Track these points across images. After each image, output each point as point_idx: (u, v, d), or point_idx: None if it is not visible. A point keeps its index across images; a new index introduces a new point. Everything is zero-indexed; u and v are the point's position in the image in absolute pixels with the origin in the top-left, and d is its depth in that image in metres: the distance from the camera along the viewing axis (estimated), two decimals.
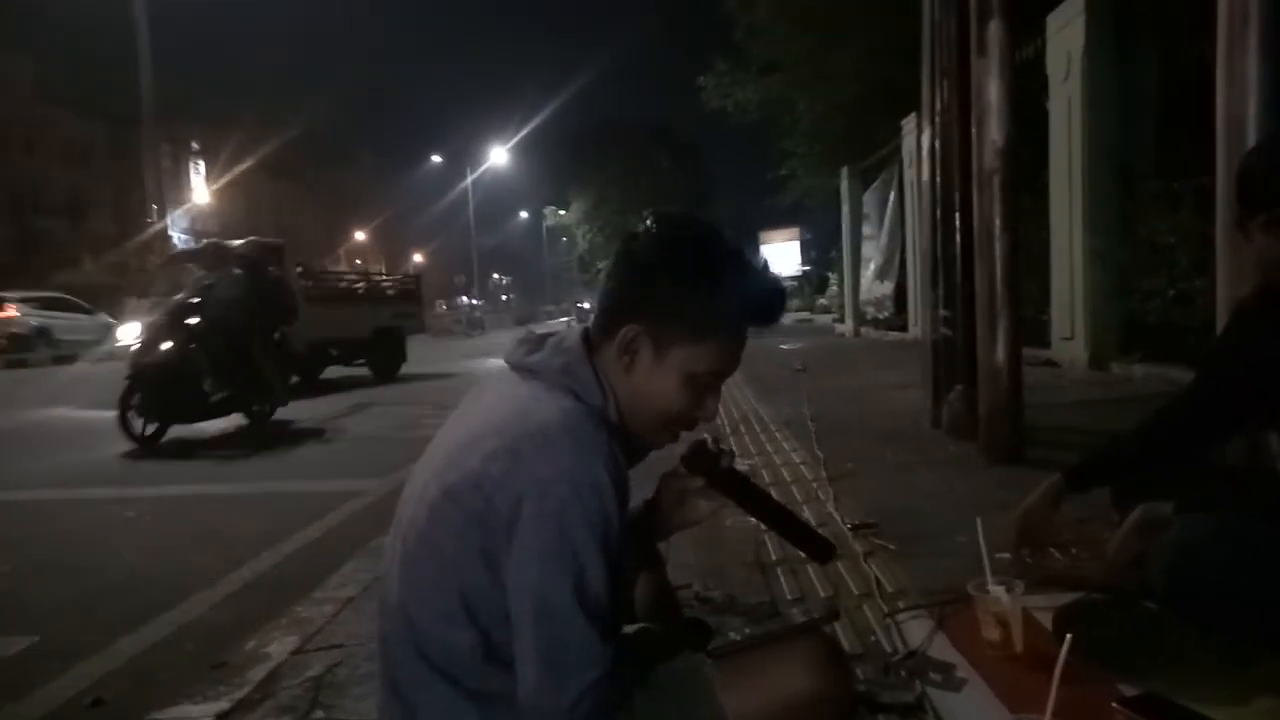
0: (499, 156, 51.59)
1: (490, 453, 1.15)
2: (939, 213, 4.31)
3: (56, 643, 2.61)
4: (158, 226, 29.54)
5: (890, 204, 12.59)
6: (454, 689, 1.17)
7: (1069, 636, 1.28)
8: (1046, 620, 1.80)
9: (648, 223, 1.28)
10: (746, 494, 1.36)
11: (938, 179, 4.31)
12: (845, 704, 1.27)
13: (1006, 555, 1.98)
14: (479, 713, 1.17)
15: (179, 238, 49.14)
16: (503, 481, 1.13)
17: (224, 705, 1.89)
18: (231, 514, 4.30)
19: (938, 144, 4.30)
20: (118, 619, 2.77)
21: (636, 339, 1.22)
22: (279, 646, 2.24)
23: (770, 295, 1.28)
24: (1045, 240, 7.27)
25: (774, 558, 2.58)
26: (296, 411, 8.12)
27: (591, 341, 1.27)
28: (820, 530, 1.51)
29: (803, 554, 1.41)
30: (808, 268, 34.73)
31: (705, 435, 1.34)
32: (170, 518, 4.34)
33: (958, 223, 4.16)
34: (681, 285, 1.21)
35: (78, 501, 4.77)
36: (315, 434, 6.92)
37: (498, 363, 1.35)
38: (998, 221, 3.69)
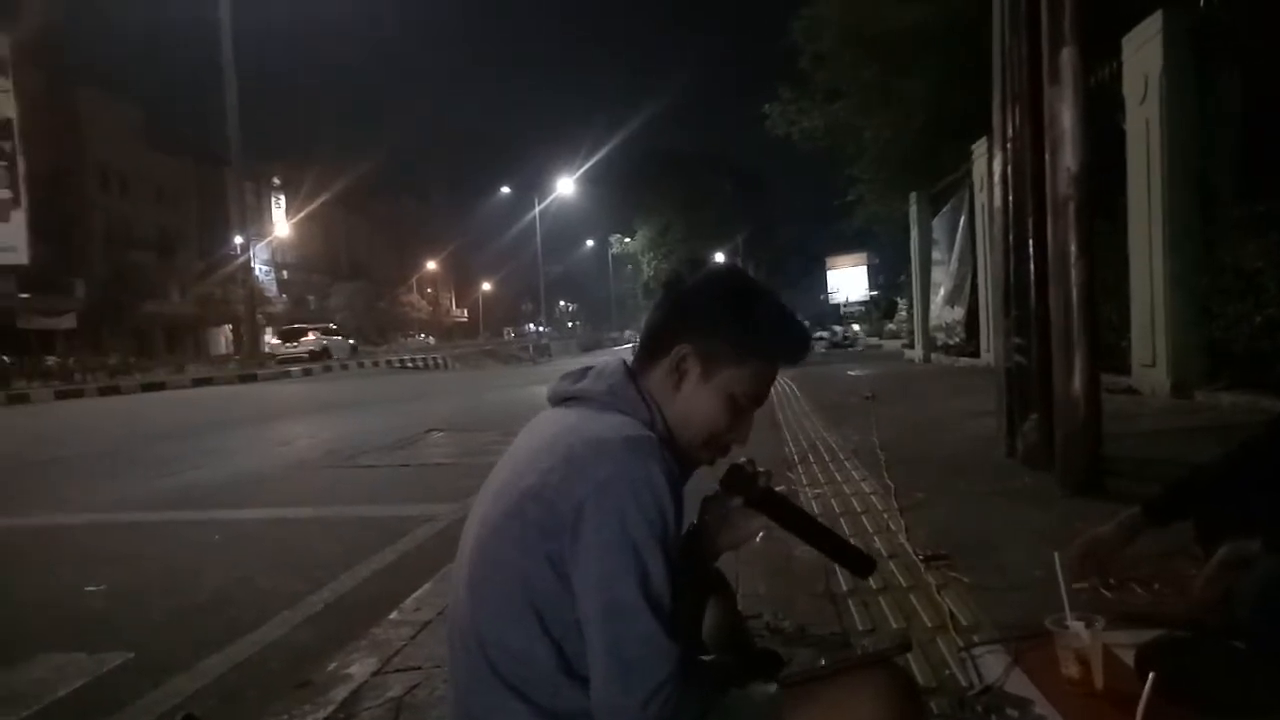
0: (566, 187, 52.35)
1: (548, 468, 1.22)
2: (1012, 239, 4.25)
3: (149, 660, 2.72)
4: (241, 260, 30.88)
5: (960, 229, 12.41)
6: (527, 707, 1.21)
7: (1152, 675, 1.26)
8: (1128, 657, 1.76)
9: (690, 268, 1.41)
10: (785, 512, 1.40)
11: (1010, 205, 4.25)
12: None
13: (1083, 585, 1.94)
14: None
15: (260, 269, 51.13)
16: (562, 488, 1.18)
17: None
18: (310, 537, 4.44)
19: (1010, 170, 4.25)
20: (206, 638, 2.88)
21: (687, 358, 1.31)
22: (360, 668, 2.31)
23: (801, 334, 1.39)
24: (1123, 265, 7.07)
25: (845, 589, 2.56)
26: (368, 438, 8.34)
27: (633, 369, 1.36)
28: (890, 560, 1.51)
29: (844, 568, 1.44)
30: (875, 293, 34.34)
31: (742, 458, 1.40)
32: (252, 540, 4.50)
33: (1031, 249, 4.10)
34: (727, 312, 1.32)
35: (167, 524, 4.97)
36: (386, 460, 7.09)
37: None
38: (1073, 247, 3.63)
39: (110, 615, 3.28)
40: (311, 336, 33.50)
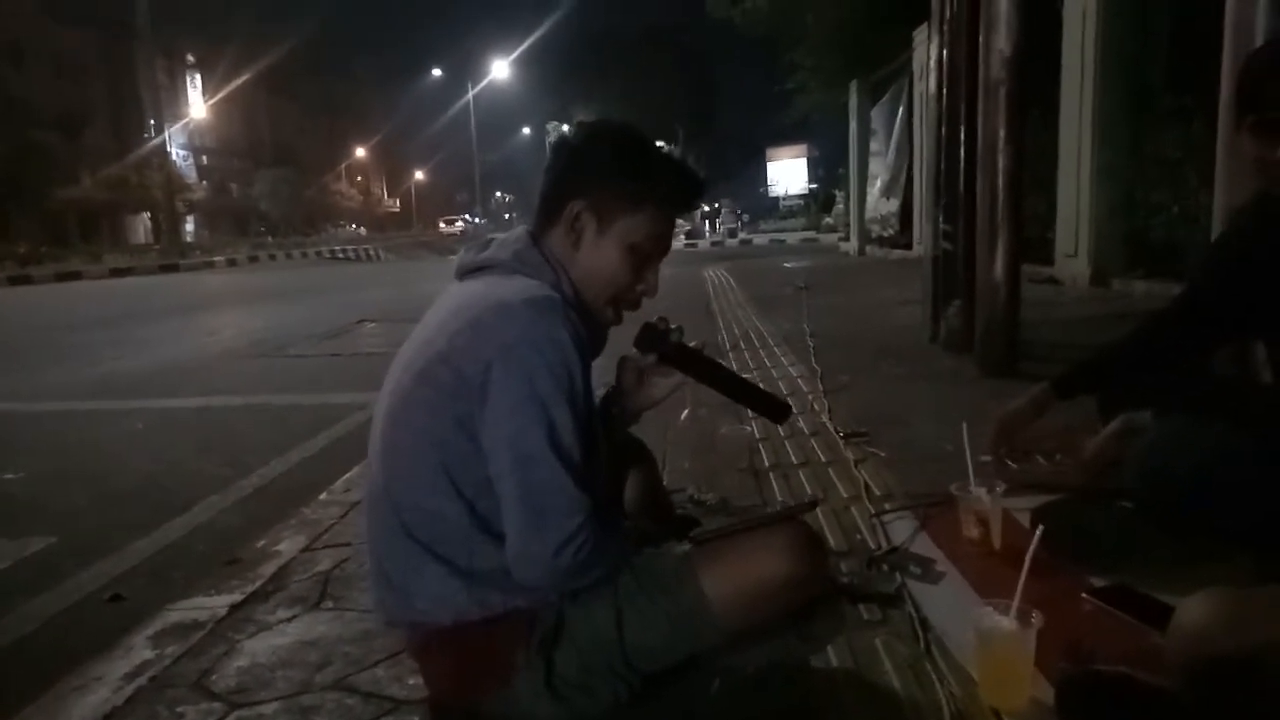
0: (501, 70, 50.45)
1: (454, 331, 1.24)
2: (944, 125, 4.26)
3: (74, 544, 2.69)
4: (155, 142, 29.25)
5: (899, 119, 12.37)
6: (443, 567, 1.24)
7: (1040, 527, 1.34)
8: (1025, 521, 1.87)
9: (577, 126, 1.43)
10: (699, 365, 1.43)
11: (944, 90, 4.24)
12: (818, 586, 1.34)
13: (988, 458, 2.04)
14: (468, 589, 1.24)
15: (177, 153, 48.50)
16: (468, 351, 1.21)
17: (237, 597, 1.98)
18: (238, 425, 4.38)
19: (945, 54, 4.22)
20: (131, 523, 2.85)
21: (581, 214, 1.32)
22: (289, 545, 2.32)
23: (693, 175, 1.40)
24: (1055, 157, 7.16)
25: (767, 464, 2.65)
26: (298, 328, 8.19)
27: (535, 234, 1.37)
28: (813, 437, 1.56)
29: (761, 415, 1.50)
30: (814, 185, 34.26)
31: (655, 316, 1.42)
32: (178, 428, 4.43)
33: (963, 136, 4.11)
34: (614, 161, 1.33)
35: (89, 413, 4.85)
36: (316, 349, 6.97)
37: None
38: (1002, 134, 3.65)
39: (31, 501, 3.23)
40: (460, 222, 57.58)
